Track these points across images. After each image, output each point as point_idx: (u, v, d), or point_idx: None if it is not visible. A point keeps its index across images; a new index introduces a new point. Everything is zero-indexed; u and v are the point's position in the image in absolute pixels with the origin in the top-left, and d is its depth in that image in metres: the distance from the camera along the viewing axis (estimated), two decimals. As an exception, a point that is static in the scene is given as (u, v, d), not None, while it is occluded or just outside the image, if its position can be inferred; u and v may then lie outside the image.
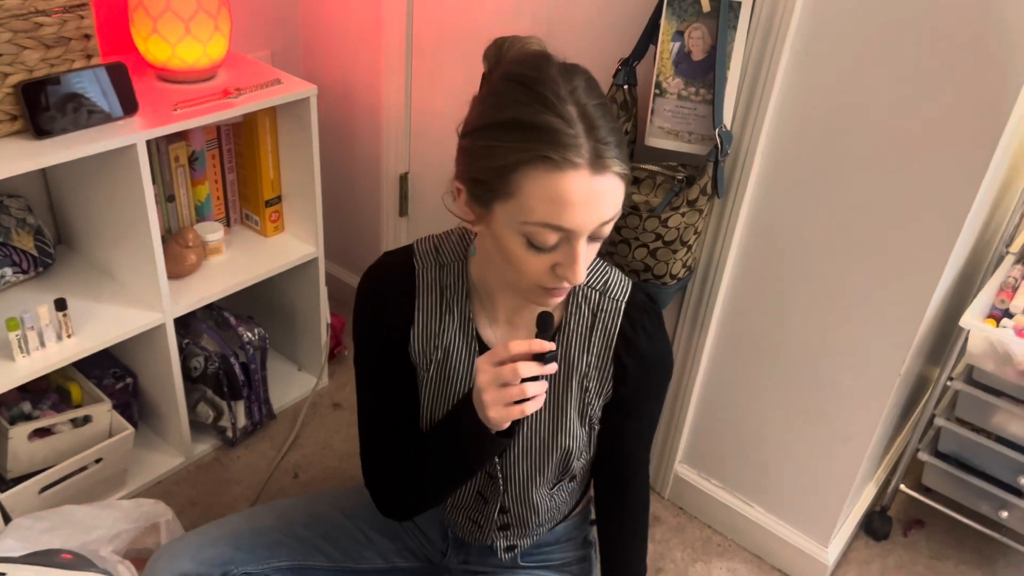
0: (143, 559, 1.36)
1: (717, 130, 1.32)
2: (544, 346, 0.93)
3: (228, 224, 1.91)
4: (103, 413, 1.63)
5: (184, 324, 1.77)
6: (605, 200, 0.88)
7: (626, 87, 1.40)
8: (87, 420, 1.61)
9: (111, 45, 1.68)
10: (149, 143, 1.46)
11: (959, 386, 1.57)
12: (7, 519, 1.49)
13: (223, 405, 1.80)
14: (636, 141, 1.46)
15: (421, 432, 1.14)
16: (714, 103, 1.32)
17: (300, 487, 1.81)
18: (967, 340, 1.49)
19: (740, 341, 1.58)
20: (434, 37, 1.83)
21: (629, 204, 1.35)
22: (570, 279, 0.92)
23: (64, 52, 1.40)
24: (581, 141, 0.85)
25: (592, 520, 1.39)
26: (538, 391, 0.94)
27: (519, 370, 0.92)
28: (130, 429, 1.66)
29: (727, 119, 1.34)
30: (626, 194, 0.92)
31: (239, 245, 1.87)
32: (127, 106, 1.46)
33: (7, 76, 1.34)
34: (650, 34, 1.37)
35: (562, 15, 1.58)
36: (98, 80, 1.42)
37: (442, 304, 1.09)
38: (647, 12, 1.37)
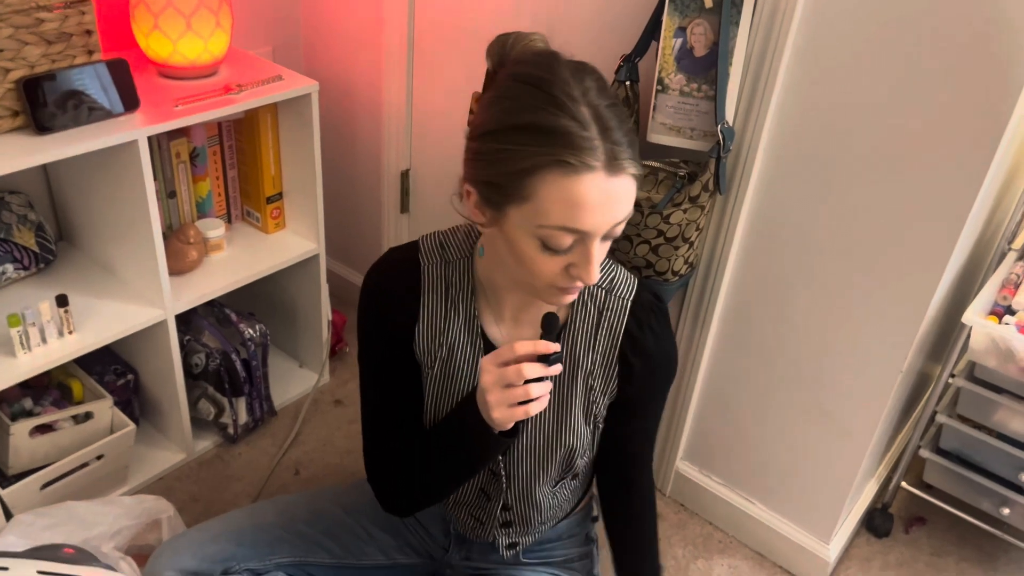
0: (145, 555, 1.37)
1: (719, 126, 1.32)
2: (549, 347, 0.93)
3: (229, 221, 1.91)
4: (104, 409, 1.63)
5: (185, 321, 1.77)
6: (620, 201, 0.88)
7: (628, 83, 1.40)
8: (88, 416, 1.61)
9: (112, 41, 1.68)
10: (150, 139, 1.46)
11: (961, 383, 1.57)
12: (8, 515, 1.49)
13: (224, 402, 1.80)
14: (638, 137, 1.45)
15: (424, 429, 1.14)
16: (716, 99, 1.32)
17: (301, 483, 1.81)
18: (969, 337, 1.49)
19: (742, 338, 1.58)
20: (435, 33, 1.83)
21: (631, 201, 1.35)
22: (584, 279, 0.92)
23: (65, 48, 1.40)
24: (596, 144, 0.85)
25: (594, 517, 1.39)
26: (542, 392, 0.93)
27: (524, 371, 0.91)
28: (131, 426, 1.66)
29: (729, 115, 1.34)
30: None
31: (240, 242, 1.87)
32: (128, 102, 1.46)
33: (8, 72, 1.34)
34: (652, 30, 1.37)
35: (564, 10, 1.57)
36: (99, 76, 1.42)
37: (447, 301, 1.09)
38: (649, 8, 1.37)
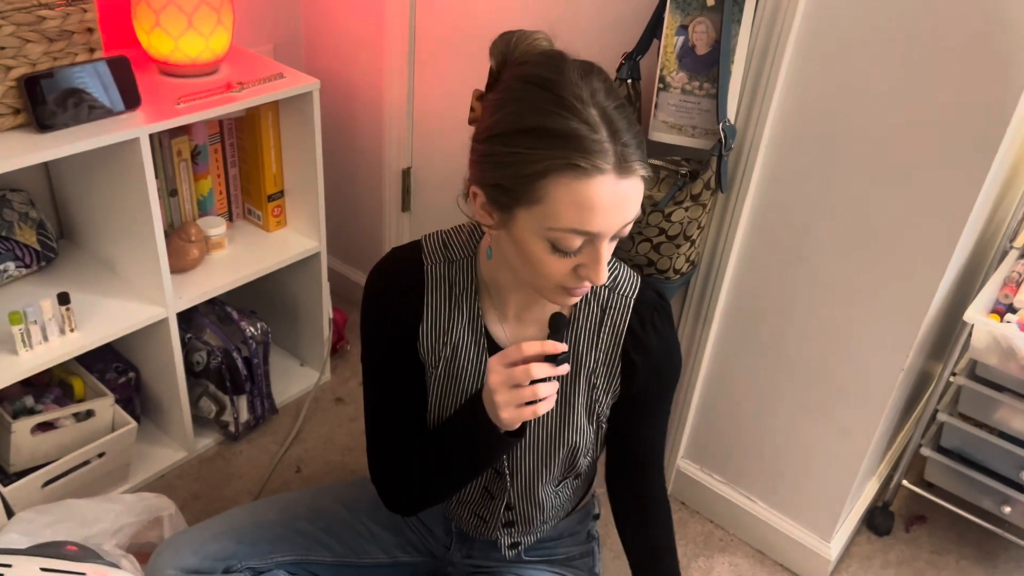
0: (146, 553, 1.37)
1: (721, 124, 1.32)
2: (557, 348, 0.93)
3: (230, 219, 1.91)
4: (106, 407, 1.63)
5: (186, 319, 1.77)
6: (629, 202, 0.88)
7: (629, 81, 1.40)
8: (90, 414, 1.62)
9: (114, 39, 1.68)
10: (152, 137, 1.46)
11: (962, 381, 1.57)
12: (10, 513, 1.49)
13: (225, 400, 1.80)
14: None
15: (428, 429, 1.14)
16: (718, 97, 1.32)
17: (302, 481, 1.81)
18: (970, 335, 1.49)
19: (743, 336, 1.58)
20: (436, 31, 1.83)
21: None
22: (593, 280, 0.92)
23: (67, 46, 1.40)
24: (607, 146, 0.85)
25: (596, 515, 1.39)
26: (550, 392, 0.94)
27: (532, 372, 0.91)
28: (133, 424, 1.66)
29: (731, 113, 1.34)
30: None
31: (241, 240, 1.87)
32: (129, 100, 1.46)
33: (10, 70, 1.34)
34: (654, 28, 1.37)
35: (566, 7, 1.57)
36: (100, 74, 1.42)
37: (451, 300, 1.09)
38: (651, 6, 1.37)
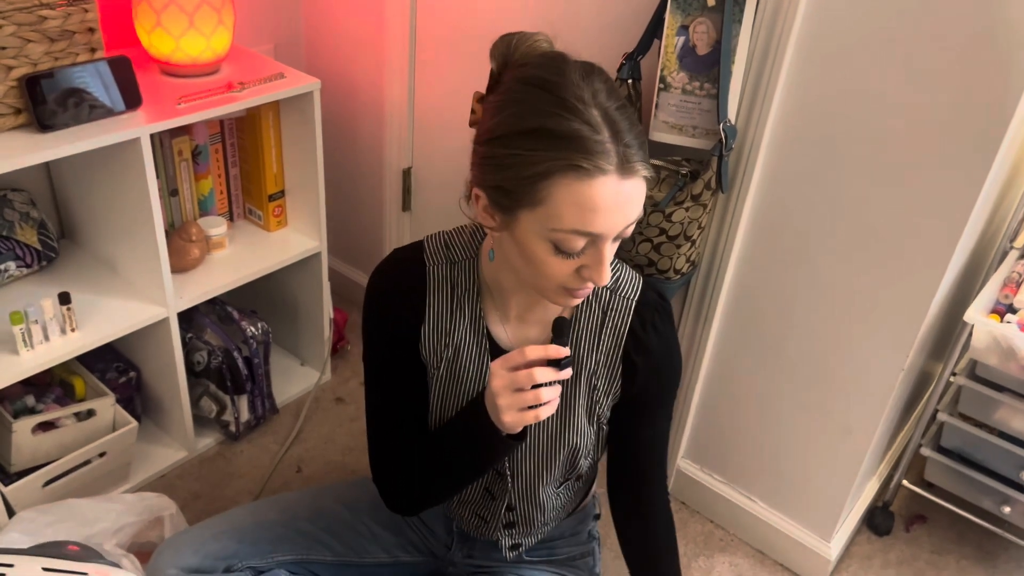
0: (147, 552, 1.37)
1: (721, 125, 1.32)
2: (560, 352, 0.93)
3: (231, 219, 1.91)
4: (107, 407, 1.63)
5: (187, 318, 1.77)
6: (632, 203, 0.88)
7: (630, 81, 1.40)
8: (91, 414, 1.62)
9: (115, 39, 1.68)
10: (152, 137, 1.46)
11: (962, 381, 1.57)
12: (11, 513, 1.50)
13: (226, 399, 1.80)
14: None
15: (429, 430, 1.14)
16: (718, 98, 1.32)
17: (303, 481, 1.81)
18: (970, 335, 1.49)
19: (743, 336, 1.58)
20: (437, 31, 1.83)
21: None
22: (596, 280, 0.92)
23: (68, 46, 1.40)
24: (609, 147, 0.85)
25: (596, 515, 1.39)
26: (552, 396, 0.94)
27: (534, 376, 0.92)
28: (133, 423, 1.66)
29: (731, 114, 1.34)
30: None
31: (242, 240, 1.87)
32: (131, 100, 1.46)
33: (11, 69, 1.34)
34: (654, 28, 1.37)
35: (566, 8, 1.57)
36: (101, 74, 1.42)
37: (453, 301, 1.09)
38: (651, 6, 1.37)
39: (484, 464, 1.06)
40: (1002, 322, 1.48)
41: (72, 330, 1.53)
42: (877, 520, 1.79)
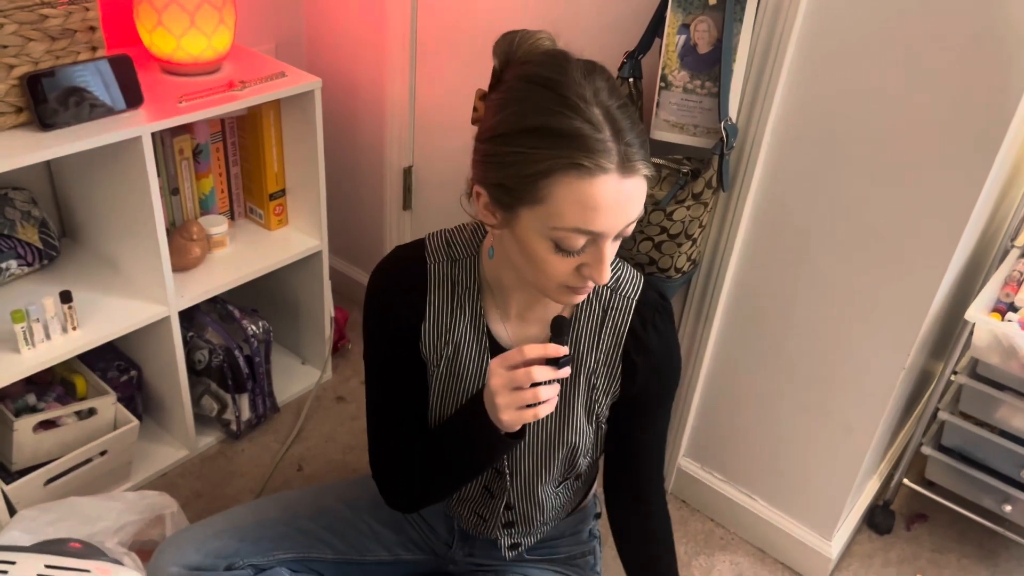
0: (148, 551, 1.37)
1: (722, 123, 1.32)
2: (559, 351, 0.93)
3: (232, 217, 1.91)
4: (108, 405, 1.63)
5: (188, 317, 1.77)
6: (633, 201, 0.88)
7: (631, 80, 1.40)
8: (92, 412, 1.62)
9: (116, 38, 1.68)
10: (154, 136, 1.46)
11: (963, 380, 1.57)
12: (12, 511, 1.50)
13: (227, 398, 1.80)
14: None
15: (429, 428, 1.14)
16: (720, 96, 1.32)
17: (304, 480, 1.81)
18: (971, 334, 1.49)
19: (744, 335, 1.58)
20: (438, 30, 1.83)
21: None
22: (597, 279, 0.92)
23: (69, 44, 1.40)
24: (610, 145, 0.85)
25: (597, 514, 1.39)
26: (551, 395, 0.94)
27: (533, 375, 0.92)
28: (135, 422, 1.66)
29: (732, 112, 1.34)
30: None
31: (243, 238, 1.87)
32: (132, 99, 1.46)
33: (12, 68, 1.34)
34: (655, 27, 1.37)
35: (567, 6, 1.57)
36: (102, 73, 1.42)
37: (453, 299, 1.09)
38: (652, 5, 1.37)
39: (483, 462, 1.06)
40: (1003, 320, 1.48)
41: (73, 328, 1.53)
42: (878, 519, 1.79)
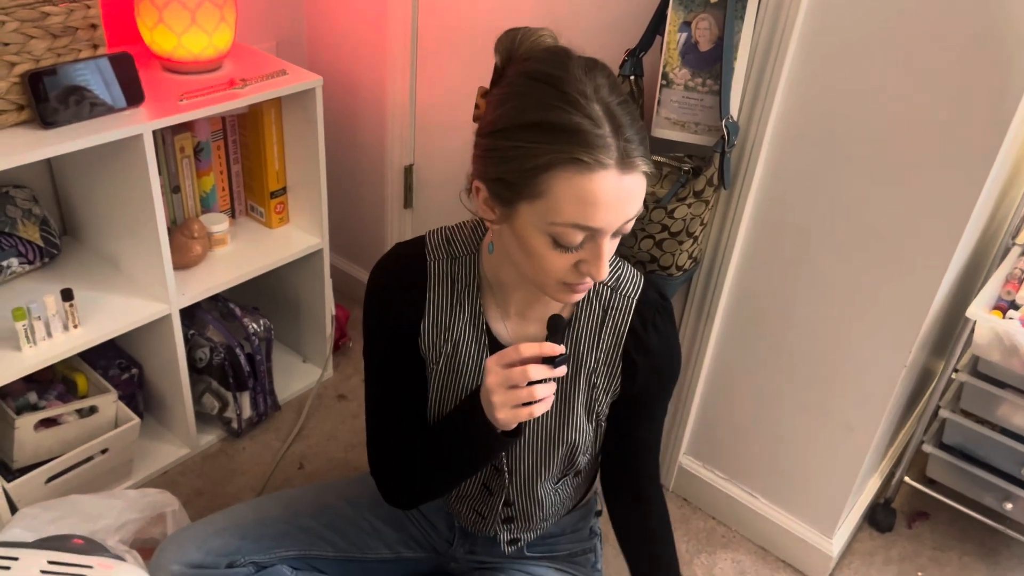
0: (149, 549, 1.37)
1: (724, 121, 1.32)
2: (555, 349, 0.93)
3: (233, 215, 1.91)
4: (109, 404, 1.64)
5: (189, 315, 1.77)
6: (631, 198, 0.88)
7: (632, 78, 1.40)
8: (93, 410, 1.62)
9: (117, 35, 1.69)
10: (155, 134, 1.46)
11: (964, 378, 1.57)
12: (13, 509, 1.50)
13: (228, 396, 1.81)
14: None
15: (428, 425, 1.14)
16: (721, 94, 1.32)
17: (305, 478, 1.81)
18: (972, 332, 1.49)
19: (745, 332, 1.58)
20: (439, 28, 1.83)
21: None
22: (595, 276, 0.92)
23: (71, 42, 1.40)
24: (610, 141, 0.85)
25: (597, 512, 1.39)
26: (547, 394, 0.94)
27: (529, 373, 0.92)
28: (136, 420, 1.66)
29: (734, 110, 1.34)
30: None
31: (244, 236, 1.87)
32: (133, 96, 1.46)
33: (14, 66, 1.34)
34: (657, 25, 1.37)
35: (568, 4, 1.57)
36: (103, 71, 1.42)
37: (453, 297, 1.09)
38: (653, 3, 1.37)
39: (480, 460, 1.06)
40: (1004, 318, 1.48)
41: (74, 327, 1.53)
42: (879, 517, 1.79)
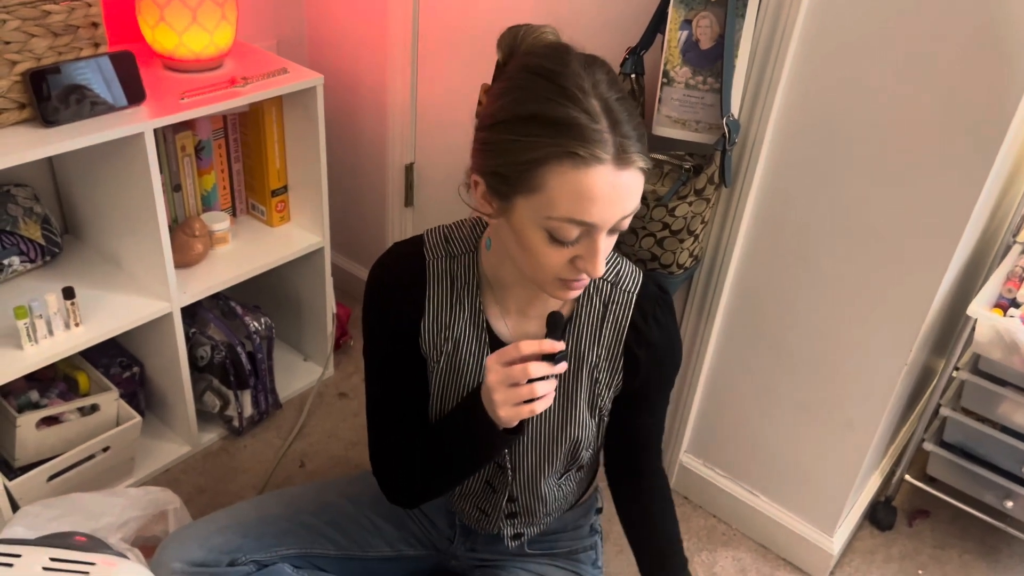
0: (151, 547, 1.37)
1: (725, 119, 1.32)
2: (555, 346, 0.93)
3: (234, 214, 1.91)
4: (110, 402, 1.64)
5: (191, 313, 1.77)
6: (628, 194, 0.89)
7: (633, 76, 1.40)
8: (94, 409, 1.62)
9: (118, 34, 1.69)
10: (156, 132, 1.46)
11: (965, 376, 1.57)
12: (15, 507, 1.50)
13: (229, 394, 1.81)
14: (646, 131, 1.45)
15: (429, 423, 1.15)
16: (722, 92, 1.32)
17: (306, 476, 1.82)
18: (973, 329, 1.49)
19: (746, 330, 1.58)
20: (440, 26, 1.83)
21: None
22: (590, 272, 0.92)
23: (72, 40, 1.40)
24: (606, 136, 0.85)
25: (599, 508, 1.39)
26: (547, 391, 0.94)
27: (529, 370, 0.92)
28: (137, 418, 1.66)
29: (735, 108, 1.34)
30: None
31: (245, 235, 1.87)
32: (134, 95, 1.46)
33: (15, 64, 1.34)
34: (658, 23, 1.37)
35: (570, 2, 1.57)
36: (105, 69, 1.42)
37: (452, 295, 1.09)
38: (654, 1, 1.37)
39: (482, 458, 1.06)
40: (1005, 316, 1.48)
41: (76, 325, 1.53)
42: (880, 515, 1.79)
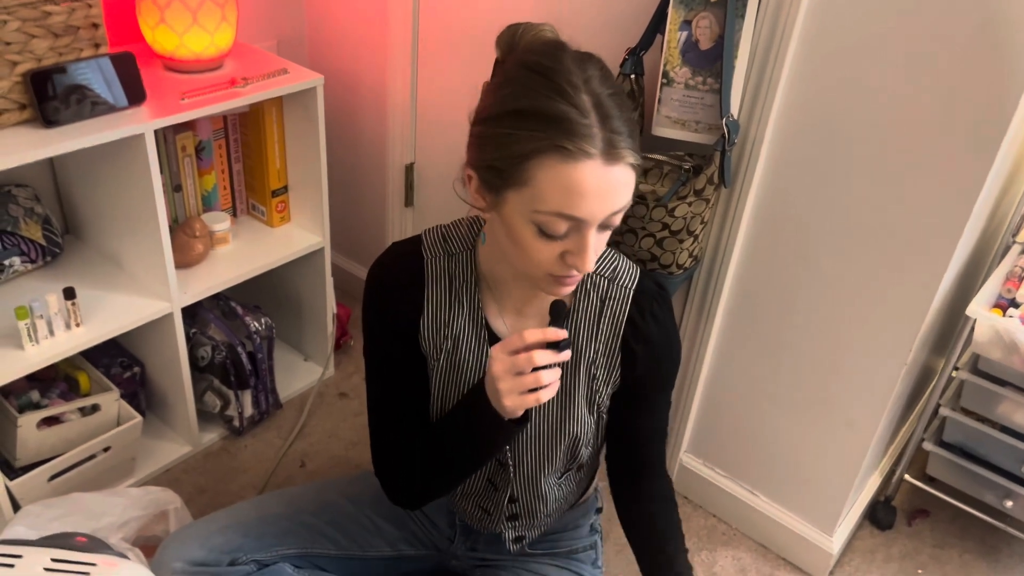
0: (152, 547, 1.37)
1: (724, 119, 1.32)
2: (558, 334, 0.94)
3: (235, 214, 1.91)
4: (111, 402, 1.64)
5: (191, 314, 1.77)
6: (617, 190, 0.89)
7: (633, 76, 1.41)
8: (95, 409, 1.62)
9: (118, 35, 1.69)
10: (156, 133, 1.46)
11: (964, 376, 1.57)
12: (16, 507, 1.50)
13: (230, 394, 1.81)
14: (643, 131, 1.46)
15: (430, 422, 1.15)
16: (721, 92, 1.32)
17: (307, 475, 1.82)
18: (973, 329, 1.49)
19: (746, 330, 1.59)
20: (440, 26, 1.83)
21: (636, 194, 1.34)
22: (579, 267, 0.92)
23: (72, 41, 1.40)
24: (595, 131, 0.85)
25: (599, 508, 1.39)
26: (552, 379, 0.95)
27: (534, 359, 0.92)
28: (138, 418, 1.67)
29: (734, 108, 1.34)
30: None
31: (246, 235, 1.88)
32: (134, 96, 1.46)
33: (16, 65, 1.34)
34: (657, 23, 1.37)
35: (569, 2, 1.57)
36: (105, 70, 1.42)
37: (451, 294, 1.09)
38: (654, 2, 1.37)
39: (486, 452, 1.06)
40: (1004, 316, 1.48)
41: (77, 325, 1.54)
42: (879, 514, 1.79)
